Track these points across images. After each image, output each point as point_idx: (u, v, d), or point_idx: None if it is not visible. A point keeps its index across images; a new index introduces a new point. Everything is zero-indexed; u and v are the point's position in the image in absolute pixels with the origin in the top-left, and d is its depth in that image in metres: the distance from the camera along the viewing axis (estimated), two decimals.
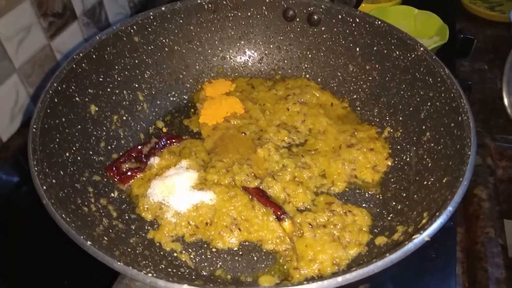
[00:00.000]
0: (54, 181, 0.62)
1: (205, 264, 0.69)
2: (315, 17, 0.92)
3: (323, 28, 0.93)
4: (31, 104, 1.03)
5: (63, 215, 0.54)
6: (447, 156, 0.68)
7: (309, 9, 0.92)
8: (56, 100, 0.70)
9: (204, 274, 0.68)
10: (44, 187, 0.57)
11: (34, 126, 0.64)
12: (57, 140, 0.69)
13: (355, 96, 0.93)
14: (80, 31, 1.15)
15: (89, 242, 0.50)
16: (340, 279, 0.47)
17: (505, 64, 1.08)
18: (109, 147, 0.82)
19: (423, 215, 0.63)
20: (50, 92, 0.69)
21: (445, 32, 1.11)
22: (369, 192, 0.79)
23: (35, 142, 0.62)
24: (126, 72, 0.87)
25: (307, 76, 0.99)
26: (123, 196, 0.78)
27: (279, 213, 0.72)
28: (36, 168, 0.59)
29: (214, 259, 0.70)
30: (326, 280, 0.47)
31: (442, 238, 0.78)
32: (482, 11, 1.37)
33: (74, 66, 0.75)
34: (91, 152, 0.77)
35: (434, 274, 0.74)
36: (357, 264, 0.54)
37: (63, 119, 0.72)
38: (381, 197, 0.78)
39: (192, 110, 0.95)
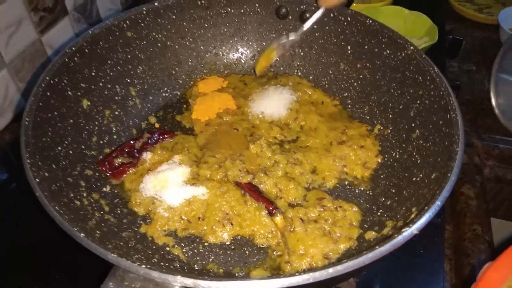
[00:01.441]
0: (46, 174, 0.62)
1: (198, 258, 0.70)
2: (307, 15, 0.93)
3: (315, 27, 0.94)
4: (21, 99, 1.03)
5: (56, 207, 0.54)
6: (435, 152, 0.69)
7: (302, 7, 0.93)
8: (48, 93, 0.70)
9: (197, 268, 0.68)
10: (37, 180, 0.57)
11: (27, 119, 0.64)
12: (49, 133, 0.69)
13: (346, 94, 0.94)
14: (71, 26, 1.14)
15: (82, 234, 0.51)
16: (331, 270, 0.48)
17: (493, 65, 1.10)
18: (101, 142, 0.82)
19: (412, 210, 0.64)
20: (43, 85, 0.69)
21: (435, 33, 1.13)
22: (359, 188, 0.80)
23: (28, 135, 0.62)
24: (119, 67, 0.87)
25: (299, 73, 1.00)
26: (115, 191, 0.78)
27: (271, 208, 0.72)
28: (29, 161, 0.59)
29: (207, 253, 0.70)
30: (317, 271, 0.48)
31: (430, 235, 0.79)
32: (471, 13, 1.40)
33: (66, 60, 0.75)
34: (83, 147, 0.77)
35: (422, 270, 0.76)
36: (347, 258, 0.55)
37: (56, 113, 0.72)
38: (371, 193, 0.79)
39: (185, 106, 0.95)
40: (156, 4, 0.88)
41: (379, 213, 0.74)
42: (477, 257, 0.80)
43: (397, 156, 0.80)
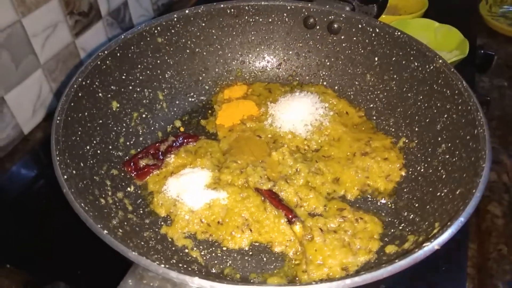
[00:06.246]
0: (74, 172, 0.64)
1: (215, 262, 0.70)
2: (335, 25, 0.93)
3: (342, 37, 0.94)
4: (53, 99, 1.06)
5: (82, 204, 0.55)
6: (461, 168, 0.68)
7: (330, 17, 0.93)
8: (80, 94, 0.73)
9: (214, 271, 0.69)
10: (65, 177, 0.59)
11: (58, 118, 0.66)
12: (79, 133, 0.71)
13: (371, 105, 0.93)
14: (104, 31, 1.18)
15: (105, 231, 0.52)
16: (348, 281, 0.47)
17: None
18: (127, 143, 0.84)
19: (434, 225, 0.63)
20: (75, 86, 0.72)
21: (465, 47, 1.11)
22: (381, 201, 0.79)
23: (58, 133, 0.64)
24: (148, 71, 0.89)
25: (325, 83, 1.00)
26: (139, 191, 0.79)
27: (290, 216, 0.72)
28: (58, 158, 0.61)
29: (224, 257, 0.71)
30: (334, 281, 0.48)
31: (453, 252, 0.77)
32: (505, 28, 1.37)
33: (99, 62, 0.77)
34: (110, 147, 0.79)
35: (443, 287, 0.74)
36: (365, 271, 0.54)
37: (86, 113, 0.74)
38: (393, 206, 0.78)
39: (210, 111, 0.97)
40: (186, 11, 0.90)
41: (400, 227, 0.73)
42: (501, 278, 0.77)
43: (422, 170, 0.79)
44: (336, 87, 0.98)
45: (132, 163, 0.80)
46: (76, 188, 0.60)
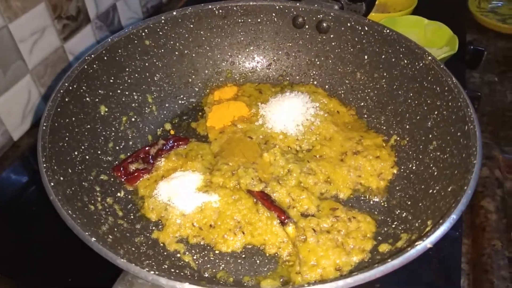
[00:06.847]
0: (62, 178, 0.63)
1: (208, 266, 0.70)
2: (324, 24, 0.93)
3: (331, 36, 0.94)
4: (43, 104, 1.05)
5: (69, 212, 0.54)
6: (452, 165, 0.67)
7: (319, 16, 0.93)
8: (66, 99, 0.72)
9: (207, 275, 0.68)
10: (52, 184, 0.58)
11: (44, 124, 0.65)
12: (66, 138, 0.70)
13: (362, 104, 0.93)
14: (93, 34, 1.17)
15: (93, 239, 0.51)
16: (341, 283, 0.47)
17: None
18: (117, 148, 0.83)
19: (427, 223, 0.63)
20: (61, 91, 0.71)
21: (455, 43, 1.11)
22: (374, 200, 0.79)
23: (45, 140, 0.64)
24: (136, 75, 0.88)
25: (315, 83, 0.99)
26: (129, 196, 0.79)
27: (283, 217, 0.72)
28: (44, 165, 0.60)
29: (217, 261, 0.70)
30: (327, 283, 0.47)
31: (447, 249, 0.77)
32: (494, 23, 1.37)
33: (85, 66, 0.77)
34: (99, 152, 0.78)
35: (438, 284, 0.74)
36: (359, 270, 0.54)
37: (73, 118, 0.73)
38: (386, 205, 0.78)
39: (200, 113, 0.96)
40: (174, 13, 0.90)
41: (393, 225, 0.73)
42: (496, 273, 0.77)
43: (414, 167, 0.78)
44: (326, 86, 0.98)
45: (122, 168, 0.79)
46: (63, 195, 0.59)
